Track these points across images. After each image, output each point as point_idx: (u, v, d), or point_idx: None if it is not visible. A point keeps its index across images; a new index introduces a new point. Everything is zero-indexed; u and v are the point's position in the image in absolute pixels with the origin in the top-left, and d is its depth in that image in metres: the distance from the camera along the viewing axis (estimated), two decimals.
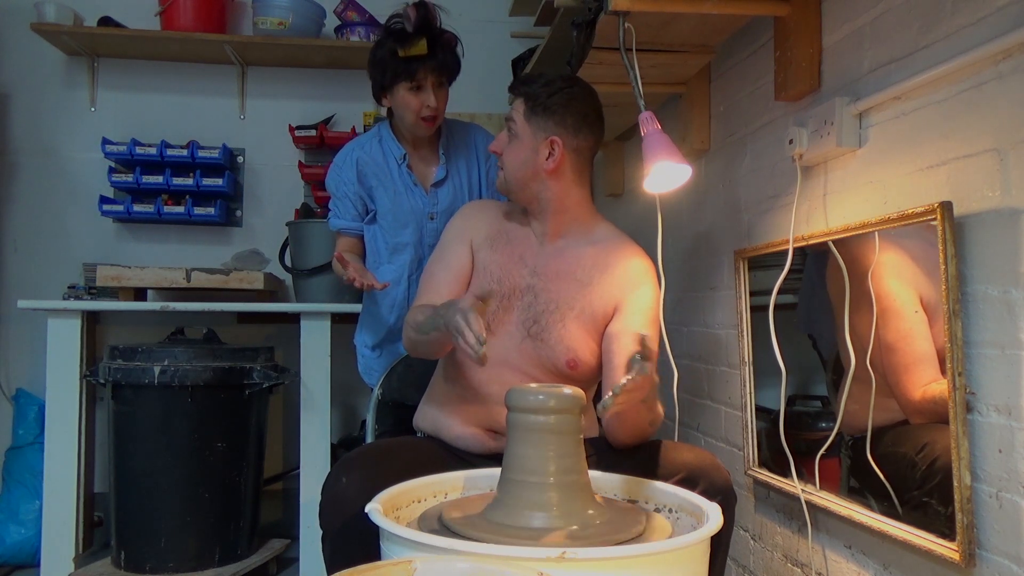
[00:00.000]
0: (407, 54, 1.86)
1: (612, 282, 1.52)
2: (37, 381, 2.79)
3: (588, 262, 1.54)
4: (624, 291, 1.52)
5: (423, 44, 1.86)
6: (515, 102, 1.55)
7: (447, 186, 2.05)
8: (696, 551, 1.02)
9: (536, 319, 1.51)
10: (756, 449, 1.78)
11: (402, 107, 1.94)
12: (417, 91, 1.91)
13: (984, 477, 1.13)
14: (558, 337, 1.49)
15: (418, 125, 1.95)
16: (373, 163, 2.03)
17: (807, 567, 1.59)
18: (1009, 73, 1.08)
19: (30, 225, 3.09)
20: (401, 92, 1.92)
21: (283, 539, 2.72)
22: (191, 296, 2.79)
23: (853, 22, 1.44)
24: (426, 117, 1.93)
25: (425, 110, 1.92)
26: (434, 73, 1.91)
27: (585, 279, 1.52)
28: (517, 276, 1.54)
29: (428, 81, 1.90)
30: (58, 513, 2.53)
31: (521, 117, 1.53)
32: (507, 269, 1.55)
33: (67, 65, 3.13)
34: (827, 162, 1.52)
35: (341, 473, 1.29)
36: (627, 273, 1.53)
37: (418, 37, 1.86)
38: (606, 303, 1.51)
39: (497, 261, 1.56)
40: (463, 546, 0.93)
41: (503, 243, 1.58)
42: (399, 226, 2.03)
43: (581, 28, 1.80)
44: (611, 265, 1.54)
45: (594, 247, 1.56)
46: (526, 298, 1.53)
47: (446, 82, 1.97)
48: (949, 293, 1.14)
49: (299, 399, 2.61)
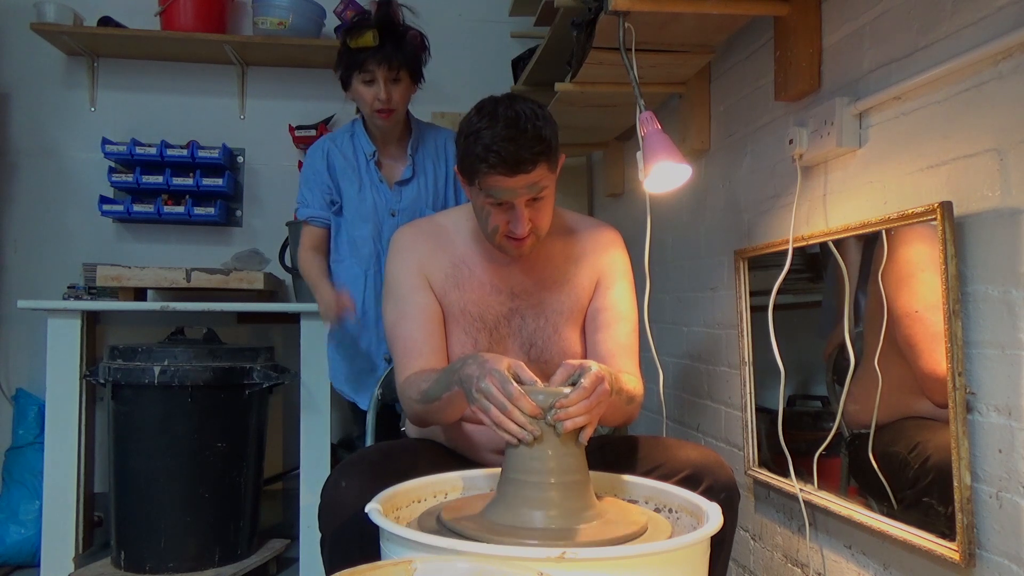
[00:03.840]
0: (356, 44, 1.91)
1: (587, 268, 1.51)
2: (37, 381, 2.78)
3: (559, 258, 1.50)
4: (598, 271, 1.51)
5: (370, 35, 1.90)
6: (535, 170, 1.29)
7: (412, 185, 2.10)
8: (696, 551, 1.01)
9: (532, 341, 1.47)
10: (756, 449, 1.78)
11: (358, 100, 2.00)
12: (369, 83, 1.95)
13: (984, 477, 1.13)
14: (560, 351, 1.47)
15: (373, 117, 1.99)
16: (342, 156, 2.08)
17: (807, 567, 1.59)
18: (1009, 73, 1.08)
19: (30, 225, 3.08)
20: (355, 84, 1.97)
21: (283, 539, 2.72)
22: (191, 296, 2.79)
23: (853, 22, 1.44)
24: (380, 110, 1.97)
25: (376, 102, 1.95)
26: (384, 65, 1.93)
27: (562, 278, 1.49)
28: (497, 306, 1.46)
29: (379, 73, 1.93)
30: (58, 513, 2.52)
31: (548, 175, 1.34)
32: (485, 304, 1.45)
33: (67, 65, 3.13)
34: (827, 162, 1.52)
35: (340, 477, 1.29)
36: (596, 250, 1.52)
37: (367, 28, 1.90)
38: (587, 289, 1.50)
39: (471, 300, 1.45)
40: (463, 546, 0.93)
41: (467, 275, 1.46)
42: (360, 219, 2.08)
43: (581, 28, 1.80)
44: (583, 252, 1.51)
45: (560, 240, 1.51)
46: (514, 323, 1.47)
47: (403, 76, 1.98)
48: (949, 293, 1.14)
49: (299, 399, 2.61)
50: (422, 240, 1.49)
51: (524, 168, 1.28)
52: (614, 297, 1.49)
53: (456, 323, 1.45)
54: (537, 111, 1.30)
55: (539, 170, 1.30)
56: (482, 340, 1.43)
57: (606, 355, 1.43)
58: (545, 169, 1.31)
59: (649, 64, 1.87)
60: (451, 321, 1.45)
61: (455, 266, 1.46)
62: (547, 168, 1.31)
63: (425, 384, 1.30)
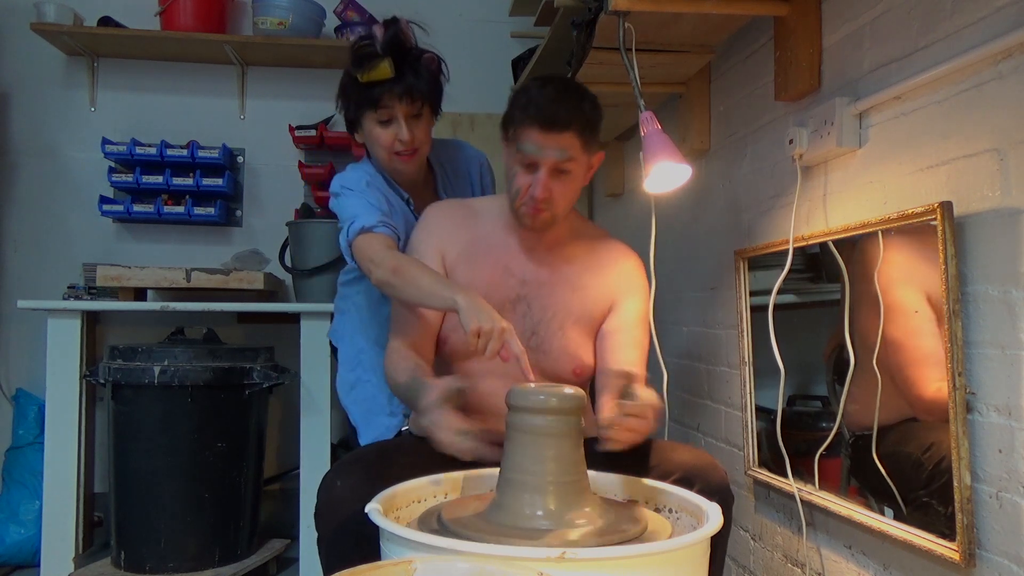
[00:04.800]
0: (368, 79, 1.59)
1: (606, 283, 1.52)
2: (37, 381, 2.78)
3: (579, 265, 1.53)
4: (618, 291, 1.52)
5: (386, 66, 1.58)
6: (567, 133, 1.34)
7: None
8: (696, 551, 1.02)
9: (534, 330, 1.48)
10: (756, 449, 1.78)
11: (372, 143, 1.67)
12: (387, 124, 1.63)
13: (984, 477, 1.13)
14: (561, 347, 1.48)
15: (393, 161, 1.67)
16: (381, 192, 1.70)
17: (806, 567, 1.59)
18: (1009, 73, 1.08)
19: (30, 225, 3.08)
20: (368, 125, 1.65)
21: (283, 539, 2.72)
22: (191, 296, 2.79)
23: (853, 22, 1.44)
24: (400, 152, 1.65)
25: (398, 144, 1.64)
26: (404, 100, 1.61)
27: (579, 283, 1.51)
28: (505, 288, 1.48)
29: (398, 110, 1.61)
30: (58, 513, 2.52)
31: (579, 151, 1.38)
32: (493, 283, 1.47)
33: (67, 65, 3.13)
34: (827, 162, 1.52)
35: (337, 476, 1.29)
36: (620, 273, 1.54)
37: (380, 59, 1.58)
38: (602, 304, 1.52)
39: (481, 277, 1.47)
40: (463, 546, 0.93)
41: (482, 255, 1.49)
42: None
43: (581, 28, 1.80)
44: (603, 266, 1.54)
45: (582, 248, 1.55)
46: (519, 309, 1.48)
47: (425, 111, 1.67)
48: (949, 293, 1.14)
49: (299, 399, 2.61)
50: (446, 217, 1.55)
51: (557, 127, 1.34)
52: (629, 320, 1.50)
53: None
54: (588, 93, 1.40)
55: (570, 136, 1.35)
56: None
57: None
58: (577, 140, 1.36)
59: (649, 64, 1.87)
60: None
61: (472, 243, 1.50)
62: (579, 140, 1.37)
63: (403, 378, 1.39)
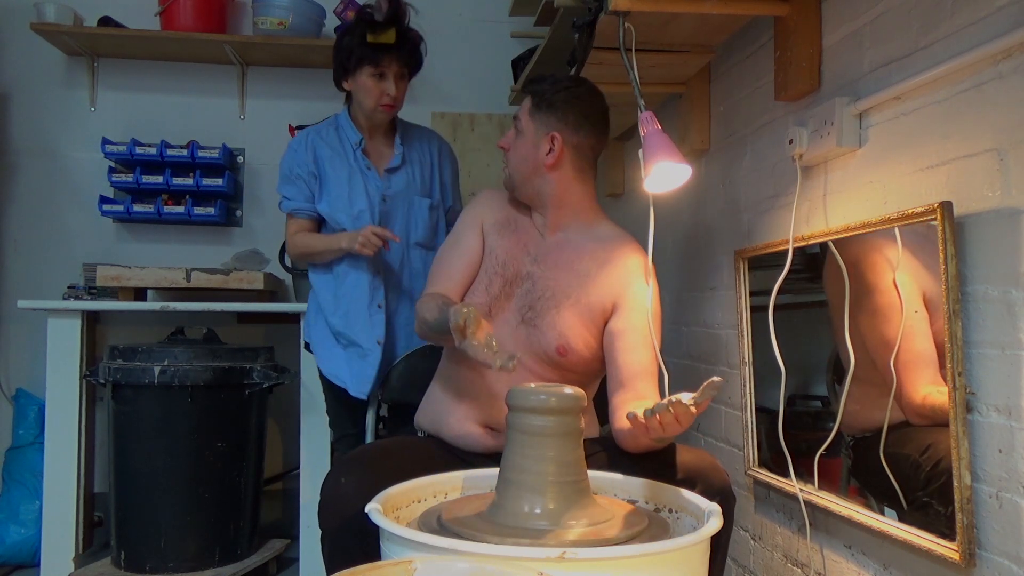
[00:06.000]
0: (376, 40, 1.98)
1: (611, 277, 1.54)
2: (37, 381, 2.79)
3: (588, 256, 1.57)
4: (623, 288, 1.53)
5: (392, 34, 1.98)
6: (524, 100, 1.62)
7: (401, 173, 2.10)
8: (696, 551, 1.02)
9: (531, 305, 1.54)
10: (756, 449, 1.78)
11: (363, 92, 2.03)
12: (380, 78, 2.01)
13: (984, 477, 1.13)
14: (550, 323, 1.51)
15: (376, 111, 2.04)
16: (328, 146, 2.10)
17: (807, 567, 1.59)
18: (1009, 73, 1.08)
19: (30, 225, 3.08)
20: (363, 77, 2.01)
21: (283, 539, 2.72)
22: (191, 296, 2.79)
23: (853, 22, 1.44)
24: (385, 104, 2.03)
25: (385, 97, 2.02)
26: (398, 63, 2.01)
27: (584, 271, 1.55)
28: (519, 263, 1.60)
29: (391, 70, 2.00)
30: (58, 513, 2.53)
31: (526, 114, 1.60)
32: (512, 255, 1.61)
33: (67, 65, 3.13)
34: (827, 162, 1.52)
35: (340, 473, 1.30)
36: (626, 270, 1.55)
37: (388, 26, 1.99)
38: (603, 297, 1.52)
39: (503, 246, 1.62)
40: (463, 546, 0.93)
41: (511, 230, 1.65)
42: (354, 200, 2.06)
43: (581, 28, 1.80)
44: (611, 261, 1.56)
45: (595, 243, 1.59)
46: (525, 285, 1.57)
47: (407, 74, 2.08)
48: (949, 293, 1.14)
49: (299, 399, 2.61)
50: (496, 197, 1.72)
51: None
52: (638, 320, 1.51)
53: (487, 262, 1.63)
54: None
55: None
56: (495, 284, 1.58)
57: (629, 376, 1.47)
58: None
59: (649, 64, 1.87)
60: (485, 259, 1.64)
61: (508, 220, 1.66)
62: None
63: (432, 314, 1.49)
